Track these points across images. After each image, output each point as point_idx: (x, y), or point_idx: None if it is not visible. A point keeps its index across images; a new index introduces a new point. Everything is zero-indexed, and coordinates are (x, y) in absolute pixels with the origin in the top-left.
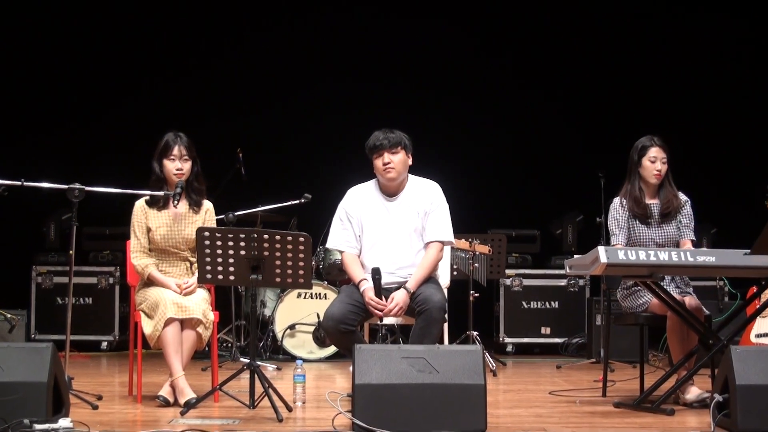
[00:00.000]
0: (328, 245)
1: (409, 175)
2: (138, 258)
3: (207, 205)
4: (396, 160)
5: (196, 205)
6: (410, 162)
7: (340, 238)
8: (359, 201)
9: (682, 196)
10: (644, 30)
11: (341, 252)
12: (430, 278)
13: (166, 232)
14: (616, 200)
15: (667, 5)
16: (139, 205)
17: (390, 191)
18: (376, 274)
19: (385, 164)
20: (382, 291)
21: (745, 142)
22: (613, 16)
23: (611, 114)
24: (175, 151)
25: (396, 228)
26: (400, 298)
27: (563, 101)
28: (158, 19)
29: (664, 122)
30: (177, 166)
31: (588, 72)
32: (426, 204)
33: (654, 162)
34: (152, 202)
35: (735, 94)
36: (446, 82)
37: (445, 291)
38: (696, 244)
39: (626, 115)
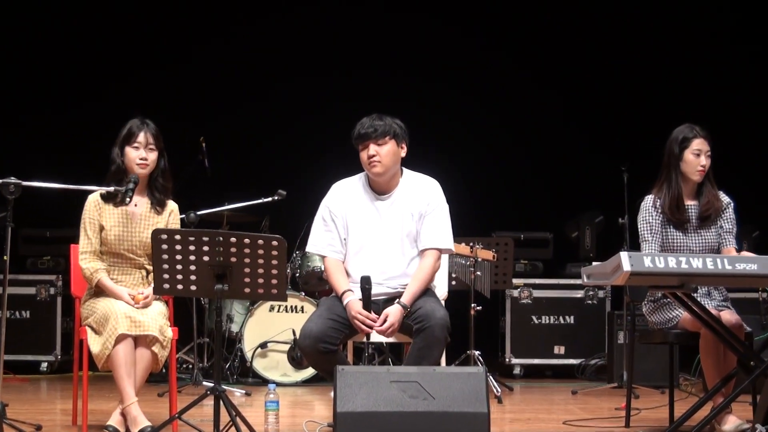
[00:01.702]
0: (309, 249)
1: (405, 169)
2: (87, 260)
3: (171, 205)
4: (383, 152)
5: (159, 205)
6: (404, 154)
7: (322, 240)
8: (345, 198)
9: (725, 198)
10: (676, 7)
11: (323, 257)
12: (427, 290)
13: (120, 232)
14: (649, 199)
15: None
16: (93, 199)
17: (380, 188)
18: (366, 283)
19: (370, 157)
20: (371, 304)
21: None
22: None
23: (634, 101)
24: (140, 138)
25: (386, 232)
26: (395, 315)
27: (578, 87)
28: (115, 4)
29: (695, 108)
30: (141, 155)
31: (608, 54)
32: (422, 205)
33: (698, 156)
34: (108, 197)
35: None
36: (442, 69)
37: (443, 304)
38: (737, 252)
39: (651, 103)
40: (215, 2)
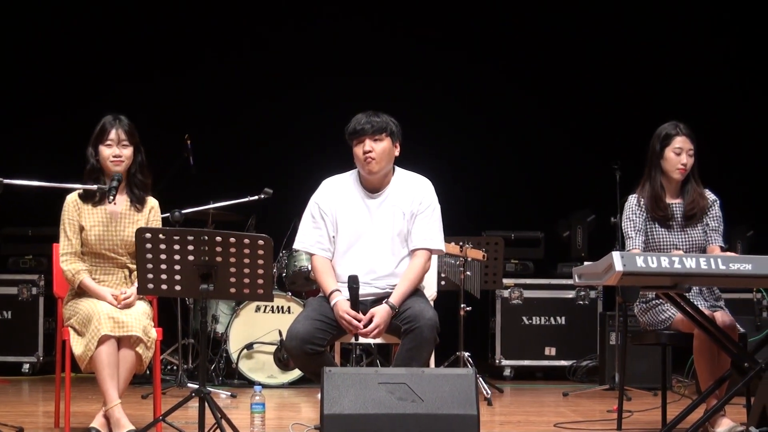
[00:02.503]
0: (296, 246)
1: (396, 168)
2: (68, 262)
3: (152, 202)
4: (379, 149)
5: (138, 202)
6: (397, 152)
7: (310, 237)
8: (335, 195)
9: (710, 195)
10: (669, 4)
11: (311, 255)
12: (416, 291)
13: (101, 232)
14: (633, 198)
15: None
16: (71, 199)
17: (372, 186)
18: (353, 283)
19: (365, 153)
20: (359, 304)
21: None
22: None
23: (626, 99)
24: (113, 135)
25: (377, 230)
26: (381, 316)
27: (569, 86)
28: (107, 6)
29: (690, 106)
30: (114, 152)
31: (599, 51)
32: (414, 204)
33: (679, 154)
34: (87, 197)
35: None
36: (433, 71)
37: (432, 304)
38: (726, 251)
39: (644, 100)
40: (202, 4)
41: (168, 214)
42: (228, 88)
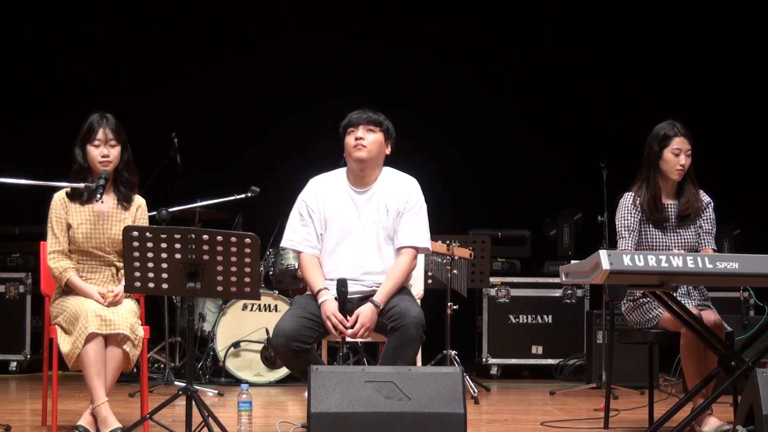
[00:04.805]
0: (284, 244)
1: (385, 167)
2: (55, 260)
3: (139, 200)
4: (371, 138)
5: (125, 201)
6: (388, 151)
7: (298, 235)
8: (323, 193)
9: (705, 197)
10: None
11: (299, 252)
12: (402, 289)
13: (88, 231)
14: (628, 197)
15: None
16: (59, 197)
17: (359, 182)
18: (342, 286)
19: (357, 139)
20: (346, 307)
21: None
22: None
23: (614, 95)
24: (100, 135)
25: (364, 226)
26: (366, 316)
27: (556, 81)
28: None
29: (676, 102)
30: (102, 152)
31: (585, 49)
32: (401, 202)
33: (678, 155)
34: (74, 195)
35: (762, 70)
36: (419, 72)
37: (419, 302)
38: (716, 252)
39: (632, 96)
40: (191, 8)
41: (155, 213)
42: (215, 87)
